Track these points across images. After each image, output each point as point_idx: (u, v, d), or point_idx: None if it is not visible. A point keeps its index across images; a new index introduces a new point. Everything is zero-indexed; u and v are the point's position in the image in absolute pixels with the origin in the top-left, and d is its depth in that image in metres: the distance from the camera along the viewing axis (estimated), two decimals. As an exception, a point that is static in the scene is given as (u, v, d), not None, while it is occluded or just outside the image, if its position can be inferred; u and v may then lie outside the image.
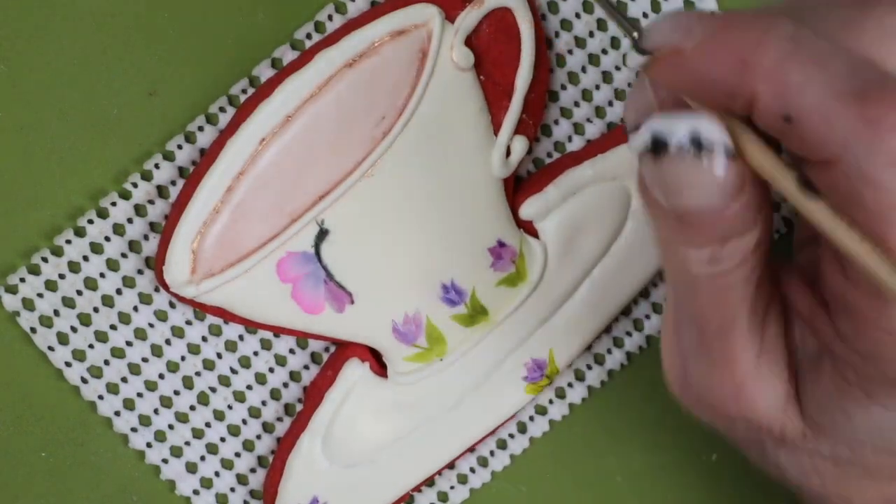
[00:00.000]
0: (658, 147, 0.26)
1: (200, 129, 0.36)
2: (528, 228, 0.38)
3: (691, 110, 0.26)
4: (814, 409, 0.30)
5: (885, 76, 0.25)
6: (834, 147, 0.24)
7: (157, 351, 0.37)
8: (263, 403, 0.38)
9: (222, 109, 0.36)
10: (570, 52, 0.38)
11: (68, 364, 0.37)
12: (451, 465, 0.40)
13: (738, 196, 0.26)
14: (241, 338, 0.38)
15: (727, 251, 0.27)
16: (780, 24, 0.25)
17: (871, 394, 0.28)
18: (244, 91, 0.36)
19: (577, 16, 0.37)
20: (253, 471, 0.39)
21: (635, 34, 0.27)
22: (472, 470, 0.40)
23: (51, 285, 0.36)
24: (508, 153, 0.36)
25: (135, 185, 0.36)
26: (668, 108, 0.27)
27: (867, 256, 0.25)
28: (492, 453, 0.40)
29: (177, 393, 0.38)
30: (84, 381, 0.37)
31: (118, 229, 0.36)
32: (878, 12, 0.26)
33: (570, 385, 0.40)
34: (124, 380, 0.37)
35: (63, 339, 0.37)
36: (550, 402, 0.40)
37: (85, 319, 0.37)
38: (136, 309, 0.37)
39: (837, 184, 0.25)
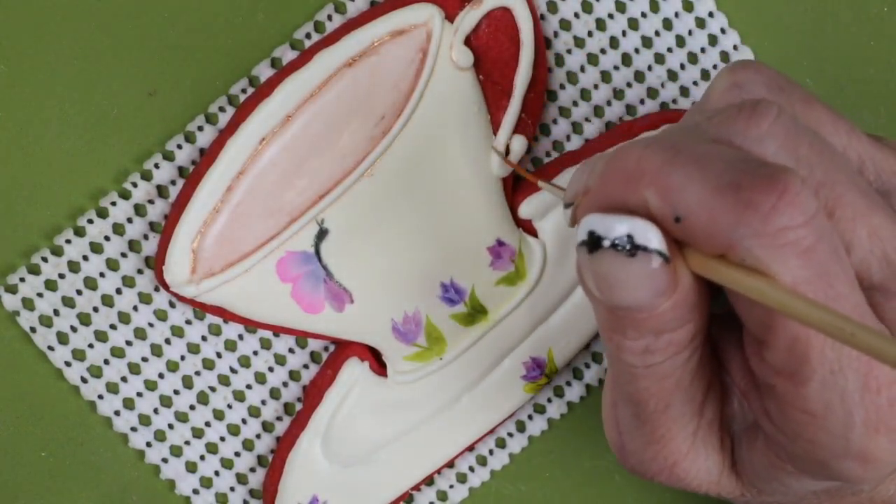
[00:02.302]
0: (593, 243, 0.27)
1: (200, 128, 0.36)
2: (527, 227, 0.38)
3: (628, 213, 0.27)
4: (751, 475, 0.30)
5: (758, 165, 0.25)
6: (723, 238, 0.25)
7: (156, 350, 0.37)
8: (263, 403, 0.38)
9: (222, 109, 0.36)
10: (568, 51, 0.38)
11: (68, 364, 0.37)
12: (450, 464, 0.40)
13: (668, 295, 0.27)
14: (240, 337, 0.38)
15: (661, 343, 0.27)
16: (661, 138, 0.27)
17: (802, 469, 0.28)
18: (244, 91, 0.36)
19: (576, 16, 0.37)
20: (253, 470, 0.39)
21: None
22: (472, 469, 0.40)
23: (51, 285, 0.36)
24: (507, 152, 0.37)
25: (135, 185, 0.36)
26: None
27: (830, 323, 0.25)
28: (491, 452, 0.40)
29: (176, 392, 0.38)
30: (84, 380, 0.37)
31: (118, 229, 0.36)
32: (739, 129, 0.27)
33: (568, 384, 0.40)
34: (124, 379, 0.37)
35: (63, 338, 0.37)
36: (549, 400, 0.40)
37: (85, 319, 0.37)
38: (135, 309, 0.37)
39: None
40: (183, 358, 0.38)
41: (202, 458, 0.38)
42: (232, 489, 0.39)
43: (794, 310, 0.25)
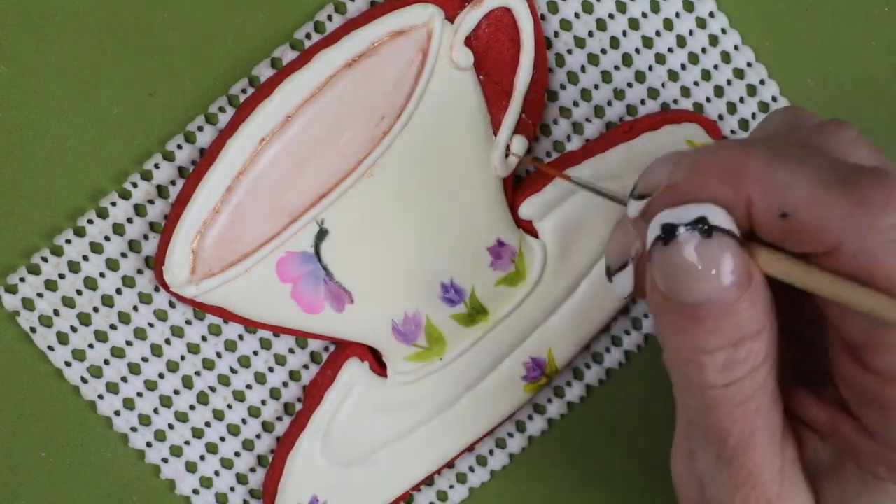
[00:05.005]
0: (667, 233, 0.27)
1: (200, 129, 0.36)
2: (527, 228, 0.38)
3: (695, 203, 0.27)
4: None
5: (861, 166, 0.26)
6: (833, 234, 0.25)
7: (156, 351, 0.37)
8: (263, 403, 0.38)
9: (222, 109, 0.36)
10: (569, 51, 0.38)
11: (68, 364, 0.37)
12: (450, 465, 0.40)
13: (745, 286, 0.26)
14: (240, 337, 0.38)
15: (742, 354, 0.27)
16: (756, 141, 0.27)
17: None
18: (244, 91, 0.36)
19: (577, 16, 0.37)
20: (253, 470, 0.39)
21: (628, 199, 0.29)
22: (472, 469, 0.40)
23: (51, 285, 0.36)
24: (508, 153, 0.36)
25: (135, 185, 0.36)
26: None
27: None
28: (491, 452, 0.40)
29: (176, 392, 0.38)
30: (84, 380, 0.37)
31: (118, 229, 0.36)
32: (831, 131, 0.28)
33: (568, 384, 0.40)
34: (124, 379, 0.37)
35: (63, 338, 0.37)
36: (549, 401, 0.40)
37: (85, 319, 0.37)
38: (135, 309, 0.37)
39: (848, 268, 0.26)
40: (183, 358, 0.38)
41: (202, 458, 0.38)
42: (232, 489, 0.39)
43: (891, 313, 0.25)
